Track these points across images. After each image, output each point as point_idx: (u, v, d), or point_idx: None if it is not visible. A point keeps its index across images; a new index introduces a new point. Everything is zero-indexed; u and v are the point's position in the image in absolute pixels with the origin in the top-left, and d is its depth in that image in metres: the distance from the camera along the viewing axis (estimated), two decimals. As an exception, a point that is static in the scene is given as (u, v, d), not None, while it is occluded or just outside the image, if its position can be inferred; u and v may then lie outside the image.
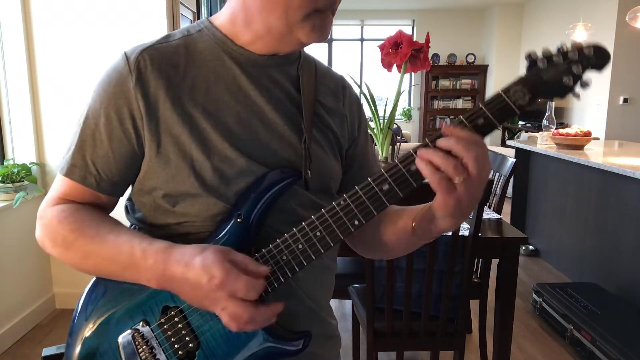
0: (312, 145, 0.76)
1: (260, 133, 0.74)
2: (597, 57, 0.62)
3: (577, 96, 0.64)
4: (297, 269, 0.69)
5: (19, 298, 2.62)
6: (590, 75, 0.63)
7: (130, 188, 0.78)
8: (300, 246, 0.68)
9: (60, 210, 0.74)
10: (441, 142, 0.62)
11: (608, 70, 5.47)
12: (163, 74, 0.71)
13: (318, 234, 0.68)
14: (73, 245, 0.72)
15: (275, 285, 0.70)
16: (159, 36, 0.77)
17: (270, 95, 0.75)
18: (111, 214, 0.80)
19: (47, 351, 0.86)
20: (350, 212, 0.66)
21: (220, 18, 0.77)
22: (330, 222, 0.67)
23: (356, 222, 0.66)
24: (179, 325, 0.71)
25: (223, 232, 0.71)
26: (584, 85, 0.63)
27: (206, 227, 0.72)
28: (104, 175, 0.73)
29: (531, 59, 0.63)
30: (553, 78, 0.62)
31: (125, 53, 0.73)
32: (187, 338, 0.71)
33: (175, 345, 0.71)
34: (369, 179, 0.66)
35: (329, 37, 8.67)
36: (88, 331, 0.74)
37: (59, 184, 0.76)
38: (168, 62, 0.72)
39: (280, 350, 0.72)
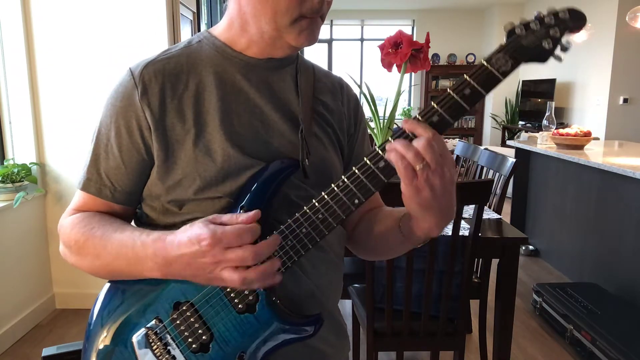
0: (311, 140, 0.80)
1: (261, 133, 0.77)
2: (573, 20, 0.64)
3: (559, 59, 0.66)
4: (303, 252, 0.71)
5: (19, 298, 2.62)
6: (570, 38, 0.65)
7: None
8: (304, 230, 0.70)
9: (73, 218, 0.79)
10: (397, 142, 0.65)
11: (608, 70, 5.48)
12: (167, 84, 0.76)
13: (320, 216, 0.70)
14: (84, 248, 0.75)
15: (283, 270, 0.71)
16: (160, 50, 0.81)
17: (270, 96, 0.79)
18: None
19: (47, 351, 0.87)
20: (350, 191, 0.68)
21: (219, 28, 0.81)
22: (332, 204, 0.69)
23: (356, 201, 0.69)
24: (192, 319, 0.73)
25: None
26: (564, 48, 0.65)
27: None
28: (117, 187, 0.77)
29: (510, 28, 0.66)
30: (532, 43, 0.65)
31: (130, 69, 0.77)
32: (200, 331, 0.72)
33: (189, 339, 0.73)
34: (365, 159, 0.68)
35: (329, 37, 8.69)
36: (103, 335, 0.77)
37: (76, 198, 0.81)
38: (171, 73, 0.76)
39: (294, 334, 0.73)
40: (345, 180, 0.68)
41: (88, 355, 0.78)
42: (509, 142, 4.27)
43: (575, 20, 0.64)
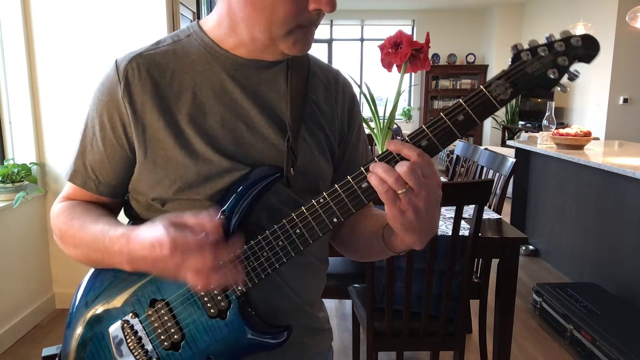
0: (300, 145, 0.77)
1: (244, 137, 0.75)
2: (585, 48, 0.60)
3: (564, 89, 0.63)
4: (277, 265, 0.71)
5: (19, 298, 2.62)
6: (578, 66, 0.61)
7: None
8: (280, 243, 0.70)
9: (61, 206, 0.80)
10: (379, 166, 0.63)
11: (608, 70, 5.48)
12: (150, 81, 0.74)
13: (298, 231, 0.69)
14: (65, 237, 0.78)
15: (256, 281, 0.72)
16: (151, 42, 0.80)
17: (257, 98, 0.77)
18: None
19: (47, 351, 0.87)
20: (329, 209, 0.67)
21: (209, 22, 0.78)
22: (310, 220, 0.68)
23: (334, 220, 0.68)
24: (165, 318, 0.74)
25: None
26: (572, 77, 0.61)
27: None
28: (102, 180, 0.78)
29: (516, 51, 0.62)
30: (537, 71, 0.61)
31: (116, 61, 0.77)
32: (172, 330, 0.74)
33: (162, 337, 0.74)
34: (349, 177, 0.67)
35: (329, 37, 8.69)
36: (83, 322, 0.78)
37: (66, 187, 0.83)
38: (155, 69, 0.75)
39: (262, 343, 0.74)
40: (327, 197, 0.67)
41: (68, 341, 0.79)
42: (509, 142, 4.27)
43: (588, 48, 0.60)
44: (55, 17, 2.65)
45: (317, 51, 8.69)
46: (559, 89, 0.63)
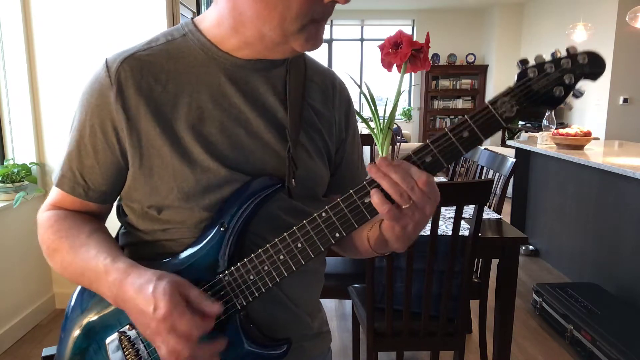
0: (298, 152, 0.75)
1: (244, 142, 0.73)
2: (591, 66, 0.60)
3: (569, 107, 0.62)
4: (278, 280, 0.69)
5: (19, 298, 2.62)
6: (583, 84, 0.61)
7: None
8: (281, 257, 0.68)
9: (48, 218, 0.77)
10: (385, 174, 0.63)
11: (608, 70, 5.44)
12: (144, 85, 0.70)
13: (299, 245, 0.67)
14: (55, 255, 0.75)
15: (257, 295, 0.70)
16: (142, 41, 0.76)
17: (256, 101, 0.74)
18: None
19: (47, 351, 0.87)
20: (331, 224, 0.66)
21: (206, 21, 0.74)
22: (312, 234, 0.67)
23: (337, 235, 0.66)
24: None
25: (207, 239, 0.71)
26: (577, 95, 0.61)
27: (191, 233, 0.73)
28: (91, 185, 0.74)
29: (522, 67, 0.62)
30: (543, 89, 0.61)
31: (106, 62, 0.72)
32: None
33: None
34: (351, 191, 0.65)
35: (329, 37, 8.68)
36: (78, 331, 0.76)
37: (53, 193, 0.79)
38: (149, 72, 0.71)
39: (262, 356, 0.73)
40: (329, 211, 0.66)
41: (64, 346, 0.77)
42: (509, 142, 4.27)
43: (594, 67, 0.59)
44: (55, 17, 2.65)
45: (317, 51, 8.65)
46: (563, 106, 0.62)
